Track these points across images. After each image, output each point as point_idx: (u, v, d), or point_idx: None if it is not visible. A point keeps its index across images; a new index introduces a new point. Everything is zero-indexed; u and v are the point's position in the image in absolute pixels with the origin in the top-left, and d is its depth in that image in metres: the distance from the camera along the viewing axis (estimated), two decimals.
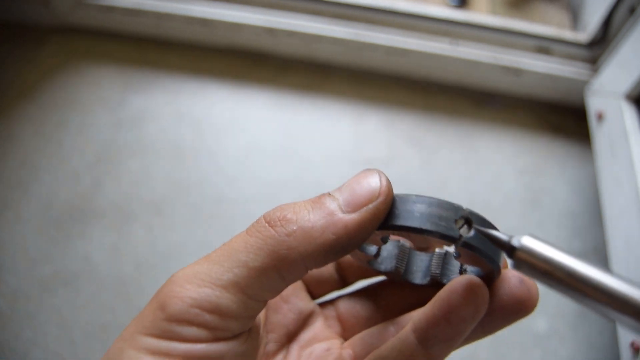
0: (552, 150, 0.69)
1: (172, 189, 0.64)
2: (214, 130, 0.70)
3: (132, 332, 0.19)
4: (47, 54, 0.76)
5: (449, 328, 0.20)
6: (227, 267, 0.19)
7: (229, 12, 0.72)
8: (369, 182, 0.20)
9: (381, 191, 0.19)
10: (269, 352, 0.24)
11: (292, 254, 0.19)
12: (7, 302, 0.56)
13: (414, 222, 0.19)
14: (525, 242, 0.18)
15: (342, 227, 0.19)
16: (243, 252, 0.19)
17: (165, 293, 0.19)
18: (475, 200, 0.64)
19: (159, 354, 0.18)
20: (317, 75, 0.75)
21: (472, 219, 0.20)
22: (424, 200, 0.20)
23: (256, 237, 0.19)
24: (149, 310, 0.19)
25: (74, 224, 0.61)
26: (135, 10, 0.73)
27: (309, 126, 0.71)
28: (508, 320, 0.22)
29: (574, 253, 0.17)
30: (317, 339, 0.25)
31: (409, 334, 0.21)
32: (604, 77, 0.63)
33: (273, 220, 0.19)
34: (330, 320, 0.26)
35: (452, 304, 0.20)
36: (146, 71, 0.75)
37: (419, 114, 0.72)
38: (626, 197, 0.52)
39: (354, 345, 0.24)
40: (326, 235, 0.19)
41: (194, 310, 0.18)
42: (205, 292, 0.18)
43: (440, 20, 0.71)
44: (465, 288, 0.20)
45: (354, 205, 0.19)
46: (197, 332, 0.18)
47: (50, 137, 0.68)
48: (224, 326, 0.19)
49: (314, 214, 0.19)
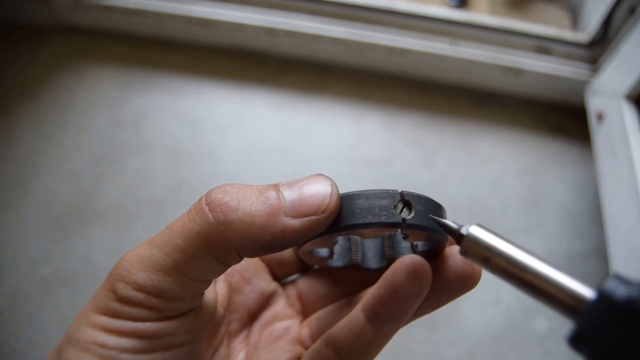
0: (552, 151, 0.69)
1: (172, 188, 0.64)
2: (214, 130, 0.70)
3: (88, 311, 0.20)
4: (47, 54, 0.76)
5: (395, 306, 0.20)
6: (167, 252, 0.19)
7: (229, 12, 0.72)
8: (319, 191, 0.20)
9: (327, 207, 0.19)
10: (232, 331, 0.25)
11: (226, 245, 0.19)
12: (7, 302, 0.56)
13: (357, 219, 0.20)
14: (473, 231, 0.19)
15: (279, 230, 0.19)
16: (181, 237, 0.19)
17: (114, 277, 0.20)
18: (475, 200, 0.64)
19: (112, 331, 0.19)
20: (317, 75, 0.75)
21: (409, 200, 0.20)
22: (362, 195, 0.20)
23: (194, 221, 0.19)
24: (102, 291, 0.20)
25: (74, 224, 0.61)
26: (135, 10, 0.73)
27: (309, 126, 0.71)
28: (453, 294, 0.23)
29: (518, 244, 0.19)
30: (278, 317, 0.26)
31: (358, 313, 0.21)
32: (604, 77, 0.63)
33: (213, 203, 0.19)
34: (292, 299, 0.27)
35: (397, 283, 0.20)
36: (146, 71, 0.75)
37: (419, 114, 0.72)
38: (626, 197, 0.52)
39: (311, 324, 0.25)
40: (262, 234, 0.19)
41: (140, 294, 0.19)
42: (149, 276, 0.19)
43: (440, 20, 0.71)
44: (408, 267, 0.20)
45: (298, 211, 0.19)
46: (145, 312, 0.19)
47: (50, 137, 0.68)
48: (170, 307, 0.20)
49: (257, 208, 0.19)
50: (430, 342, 0.55)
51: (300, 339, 0.25)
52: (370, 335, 0.21)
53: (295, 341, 0.25)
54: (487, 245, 0.19)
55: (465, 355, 0.55)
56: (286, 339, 0.25)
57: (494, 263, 0.18)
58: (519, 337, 0.55)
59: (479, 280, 0.22)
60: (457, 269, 0.22)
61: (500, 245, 0.18)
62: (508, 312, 0.57)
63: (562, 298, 0.17)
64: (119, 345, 0.19)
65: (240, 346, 0.25)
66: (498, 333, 0.56)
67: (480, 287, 0.64)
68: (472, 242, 0.19)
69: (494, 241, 0.19)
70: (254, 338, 0.25)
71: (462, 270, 0.22)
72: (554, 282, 0.17)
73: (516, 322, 0.56)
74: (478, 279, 0.22)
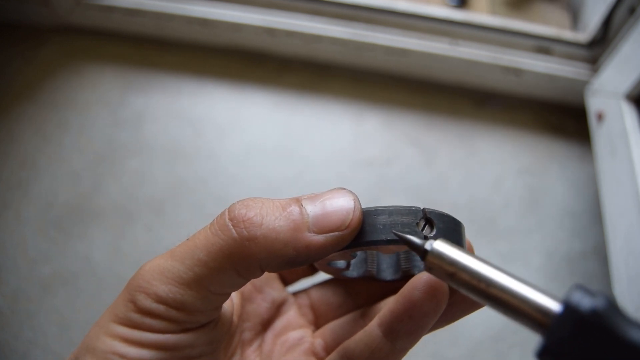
0: (552, 150, 0.69)
1: (172, 188, 0.64)
2: (214, 130, 0.70)
3: (107, 320, 0.20)
4: (47, 54, 0.76)
5: (412, 322, 0.20)
6: (189, 266, 0.19)
7: (229, 12, 0.72)
8: (342, 206, 0.20)
9: (351, 223, 0.19)
10: (245, 340, 0.25)
11: (249, 259, 0.19)
12: (7, 302, 0.56)
13: (380, 236, 0.20)
14: (437, 246, 0.19)
15: (304, 246, 0.19)
16: (203, 251, 0.19)
17: (134, 287, 0.20)
18: (475, 200, 0.64)
19: (131, 342, 0.19)
20: (317, 75, 0.75)
21: (432, 218, 0.20)
22: (385, 210, 0.20)
23: (217, 236, 0.19)
24: (121, 301, 0.20)
25: (74, 224, 0.61)
26: (135, 10, 0.73)
27: (308, 126, 0.71)
28: (467, 310, 0.23)
29: (482, 258, 0.18)
30: (291, 326, 0.26)
31: (374, 328, 0.21)
32: (604, 77, 0.63)
33: (237, 218, 0.19)
34: (304, 308, 0.27)
35: (414, 300, 0.20)
36: (146, 71, 0.75)
37: (419, 114, 0.72)
38: (626, 197, 0.52)
39: (324, 335, 0.25)
40: (287, 250, 0.19)
41: (161, 306, 0.19)
42: (170, 289, 0.19)
43: (440, 20, 0.71)
44: (426, 284, 0.20)
45: (321, 227, 0.19)
46: (165, 325, 0.19)
47: (50, 137, 0.68)
48: (190, 319, 0.20)
49: (281, 223, 0.19)
50: (431, 342, 0.55)
51: (314, 350, 0.25)
52: (386, 351, 0.21)
53: (309, 352, 0.24)
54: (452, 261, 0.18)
55: (466, 355, 0.55)
56: (300, 349, 0.25)
57: (459, 278, 0.18)
58: (519, 337, 0.55)
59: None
60: None
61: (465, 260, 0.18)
62: None
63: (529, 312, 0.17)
64: (139, 356, 0.19)
65: (254, 355, 0.25)
66: (498, 333, 0.56)
67: None
68: (437, 257, 0.18)
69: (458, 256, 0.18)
70: (267, 347, 0.25)
71: None
72: (521, 296, 0.17)
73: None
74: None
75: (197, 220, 0.62)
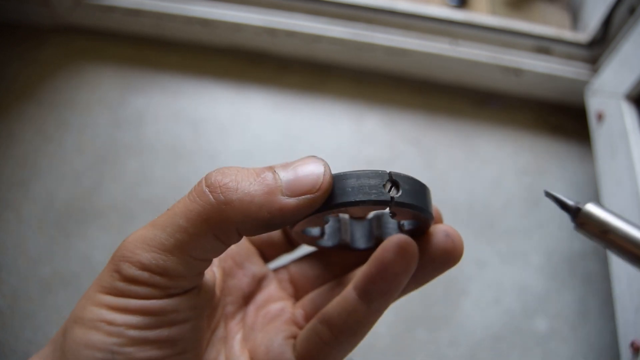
0: (552, 150, 0.69)
1: (172, 189, 0.64)
2: (214, 130, 0.70)
3: (93, 291, 0.21)
4: (47, 54, 0.76)
5: (385, 283, 0.22)
6: (170, 233, 0.20)
7: (229, 12, 0.72)
8: (312, 171, 0.21)
9: (321, 186, 0.20)
10: (228, 314, 0.26)
11: (226, 223, 0.20)
12: (7, 302, 0.56)
13: (349, 197, 0.21)
14: (588, 208, 0.22)
15: (277, 209, 0.20)
16: (183, 217, 0.20)
17: (118, 258, 0.21)
18: (475, 200, 0.64)
19: (117, 309, 0.20)
20: (317, 75, 0.75)
21: (397, 180, 0.21)
22: (352, 174, 0.21)
23: (196, 202, 0.20)
24: (106, 272, 0.21)
25: (74, 224, 0.61)
26: (135, 10, 0.73)
27: (309, 126, 0.71)
28: (437, 270, 0.24)
29: (633, 222, 0.21)
30: (272, 300, 0.27)
31: (350, 292, 0.23)
32: (604, 77, 0.63)
33: (213, 185, 0.20)
34: (284, 282, 0.28)
35: (386, 261, 0.22)
36: (146, 71, 0.75)
37: (419, 114, 0.72)
38: (626, 197, 0.52)
39: (304, 305, 0.26)
40: (262, 213, 0.20)
41: (144, 273, 0.20)
42: (153, 256, 0.20)
43: (440, 20, 0.71)
44: (396, 246, 0.22)
45: (293, 190, 0.20)
46: (150, 290, 0.20)
47: (50, 137, 0.68)
48: (174, 285, 0.21)
49: (255, 188, 0.20)
50: (431, 342, 0.55)
51: (295, 320, 0.26)
52: (362, 312, 0.22)
53: (290, 321, 0.26)
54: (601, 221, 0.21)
55: (465, 355, 0.55)
56: (281, 319, 0.26)
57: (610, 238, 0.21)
58: (519, 337, 0.55)
59: (461, 256, 0.23)
60: (441, 246, 0.23)
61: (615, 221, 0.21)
62: (508, 312, 0.57)
63: None
64: (125, 322, 0.20)
65: (237, 327, 0.26)
66: (498, 333, 0.56)
67: (481, 287, 0.64)
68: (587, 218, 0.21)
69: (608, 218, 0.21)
70: (249, 319, 0.27)
71: (446, 247, 0.23)
72: None
73: (516, 322, 0.56)
74: (460, 254, 0.23)
75: None
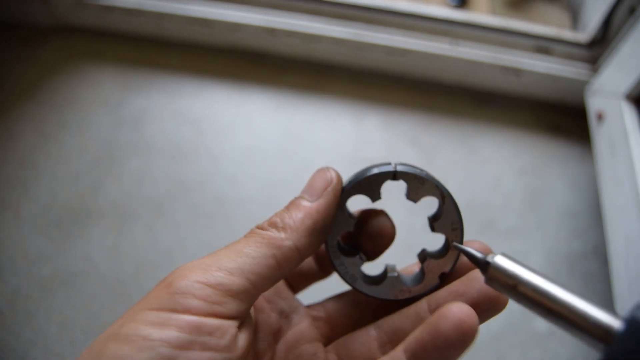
0: (552, 150, 0.69)
1: (172, 189, 0.64)
2: (214, 130, 0.70)
3: (136, 309, 0.20)
4: (47, 54, 0.76)
5: (438, 354, 0.21)
6: (232, 257, 0.22)
7: (229, 12, 0.72)
8: (322, 175, 0.25)
9: (332, 177, 0.25)
10: (258, 352, 0.25)
11: (285, 244, 0.23)
12: (7, 302, 0.56)
13: (359, 178, 0.25)
14: (498, 260, 0.20)
15: (315, 212, 0.24)
16: (245, 246, 0.22)
17: (172, 276, 0.21)
18: (475, 200, 0.64)
19: (157, 324, 0.19)
20: (317, 75, 0.75)
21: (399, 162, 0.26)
22: (362, 168, 0.26)
23: (254, 237, 0.23)
24: (155, 289, 0.21)
25: (74, 224, 0.61)
26: (135, 10, 0.73)
27: (309, 126, 0.71)
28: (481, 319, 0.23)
29: (542, 272, 0.19)
30: (303, 339, 0.26)
31: (400, 355, 0.22)
32: (604, 77, 0.63)
33: (264, 226, 0.24)
34: (318, 321, 0.27)
35: (442, 331, 0.20)
36: (146, 71, 0.75)
37: (419, 114, 0.72)
38: (626, 197, 0.52)
39: (338, 351, 0.25)
40: (306, 222, 0.23)
41: (197, 285, 0.20)
42: (211, 274, 0.21)
43: (440, 20, 0.71)
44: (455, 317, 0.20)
45: (316, 194, 0.24)
46: (196, 302, 0.20)
47: (50, 137, 0.68)
48: (222, 301, 0.20)
49: (292, 213, 0.24)
50: None
51: None
52: None
53: None
54: (512, 274, 0.19)
55: (466, 355, 0.55)
56: None
57: (520, 291, 0.19)
58: (519, 337, 0.55)
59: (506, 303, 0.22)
60: (484, 293, 0.22)
61: (525, 274, 0.19)
62: (508, 312, 0.57)
63: (590, 328, 0.17)
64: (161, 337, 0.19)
65: None
66: (498, 333, 0.56)
67: None
68: (498, 270, 0.20)
69: (519, 270, 0.19)
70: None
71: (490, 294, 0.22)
72: (581, 312, 0.17)
73: (516, 322, 0.56)
74: (506, 301, 0.22)
75: (197, 220, 0.62)
